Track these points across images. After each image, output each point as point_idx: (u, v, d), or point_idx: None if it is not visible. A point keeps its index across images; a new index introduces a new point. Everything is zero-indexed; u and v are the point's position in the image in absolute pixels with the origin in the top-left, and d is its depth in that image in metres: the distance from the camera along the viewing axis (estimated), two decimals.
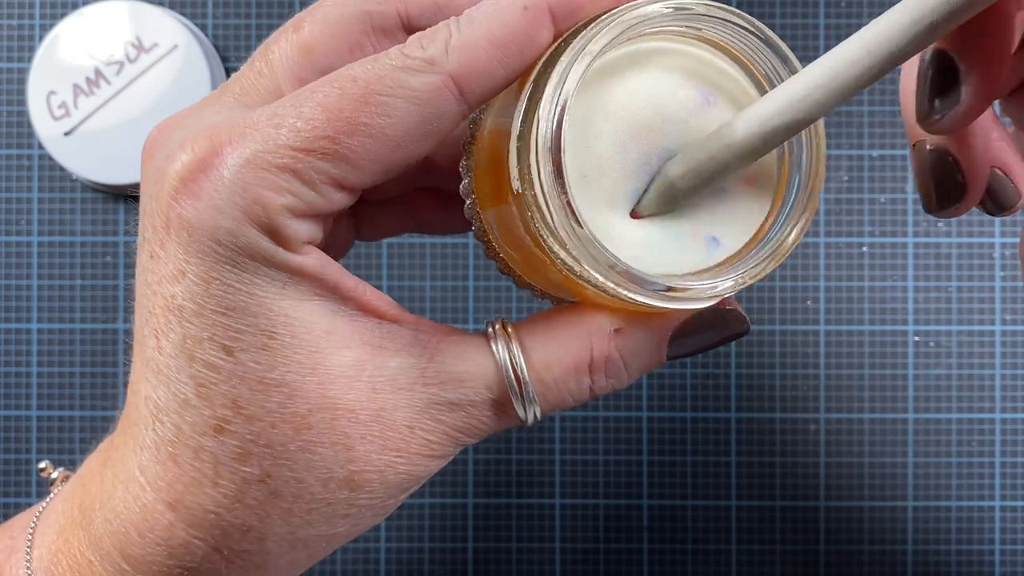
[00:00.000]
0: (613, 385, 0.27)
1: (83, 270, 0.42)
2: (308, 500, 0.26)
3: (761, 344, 0.42)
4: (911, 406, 0.42)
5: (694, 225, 0.26)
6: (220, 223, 0.24)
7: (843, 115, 0.42)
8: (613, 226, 0.25)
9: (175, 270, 0.25)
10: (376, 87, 0.24)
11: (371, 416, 0.26)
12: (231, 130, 0.25)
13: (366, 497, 0.27)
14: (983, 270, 0.42)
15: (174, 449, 0.26)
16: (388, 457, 0.26)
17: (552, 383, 0.27)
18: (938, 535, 0.42)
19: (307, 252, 0.25)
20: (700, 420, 0.42)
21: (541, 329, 0.27)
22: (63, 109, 0.40)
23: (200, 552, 0.26)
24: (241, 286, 0.25)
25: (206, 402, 0.25)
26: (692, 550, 0.42)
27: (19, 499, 0.42)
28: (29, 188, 0.42)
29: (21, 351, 0.42)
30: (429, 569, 0.42)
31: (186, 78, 0.40)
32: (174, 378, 0.25)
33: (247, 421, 0.25)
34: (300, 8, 0.42)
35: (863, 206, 0.42)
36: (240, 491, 0.26)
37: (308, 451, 0.26)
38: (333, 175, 0.25)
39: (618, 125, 0.26)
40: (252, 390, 0.25)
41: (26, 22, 0.43)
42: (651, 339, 0.27)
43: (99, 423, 0.42)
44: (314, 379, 0.25)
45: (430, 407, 0.26)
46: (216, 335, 0.25)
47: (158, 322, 0.25)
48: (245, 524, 0.26)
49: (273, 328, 0.25)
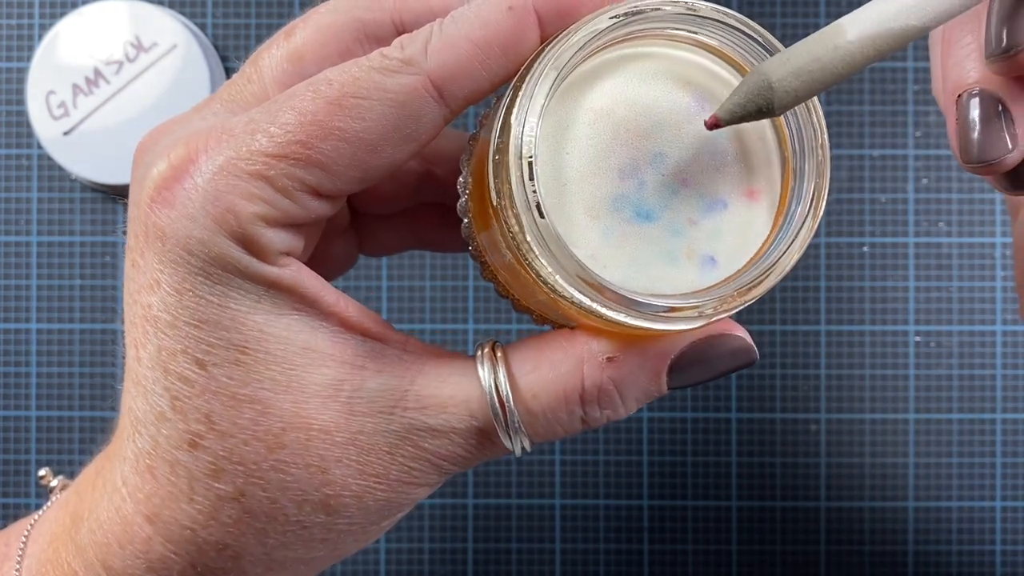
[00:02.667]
0: (608, 416, 0.26)
1: (82, 270, 0.42)
2: (282, 522, 0.25)
3: (762, 344, 0.42)
4: (912, 406, 0.42)
5: (690, 242, 0.24)
6: (192, 232, 0.23)
7: (844, 115, 0.42)
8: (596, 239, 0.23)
9: (151, 280, 0.24)
10: (350, 90, 0.23)
11: (348, 439, 0.25)
12: (208, 137, 0.24)
13: (344, 522, 0.26)
14: (984, 270, 0.42)
15: (151, 462, 0.25)
16: (367, 483, 0.25)
17: (540, 413, 0.25)
18: (939, 535, 0.42)
19: (284, 264, 0.25)
20: (700, 420, 0.42)
21: (531, 353, 0.25)
22: (62, 109, 0.40)
23: (177, 567, 0.26)
24: (213, 298, 0.24)
25: (180, 416, 0.25)
26: (692, 550, 0.42)
27: (18, 499, 0.42)
28: (28, 188, 0.42)
29: (20, 351, 0.42)
30: (429, 569, 0.42)
31: (185, 78, 0.40)
32: (151, 390, 0.25)
33: (220, 437, 0.24)
34: (300, 8, 0.42)
35: (864, 206, 0.42)
36: (214, 508, 0.25)
37: (281, 471, 0.25)
38: (307, 182, 0.24)
39: (602, 130, 0.24)
40: (225, 405, 0.24)
41: (25, 22, 0.42)
42: (648, 368, 0.25)
43: (98, 423, 0.42)
44: (288, 397, 0.24)
45: (411, 433, 0.25)
46: (189, 348, 0.24)
47: (137, 332, 0.25)
48: (220, 542, 0.25)
49: (245, 343, 0.24)
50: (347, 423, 0.25)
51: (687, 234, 0.24)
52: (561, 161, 0.23)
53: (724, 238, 0.24)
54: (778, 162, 0.24)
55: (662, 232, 0.24)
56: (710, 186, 0.24)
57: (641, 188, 0.24)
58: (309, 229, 0.25)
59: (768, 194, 0.24)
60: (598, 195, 0.23)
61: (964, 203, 0.42)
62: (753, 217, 0.24)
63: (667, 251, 0.24)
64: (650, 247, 0.23)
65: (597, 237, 0.23)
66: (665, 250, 0.24)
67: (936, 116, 0.42)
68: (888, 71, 0.42)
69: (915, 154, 0.42)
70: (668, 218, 0.24)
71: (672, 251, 0.24)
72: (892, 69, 0.42)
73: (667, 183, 0.24)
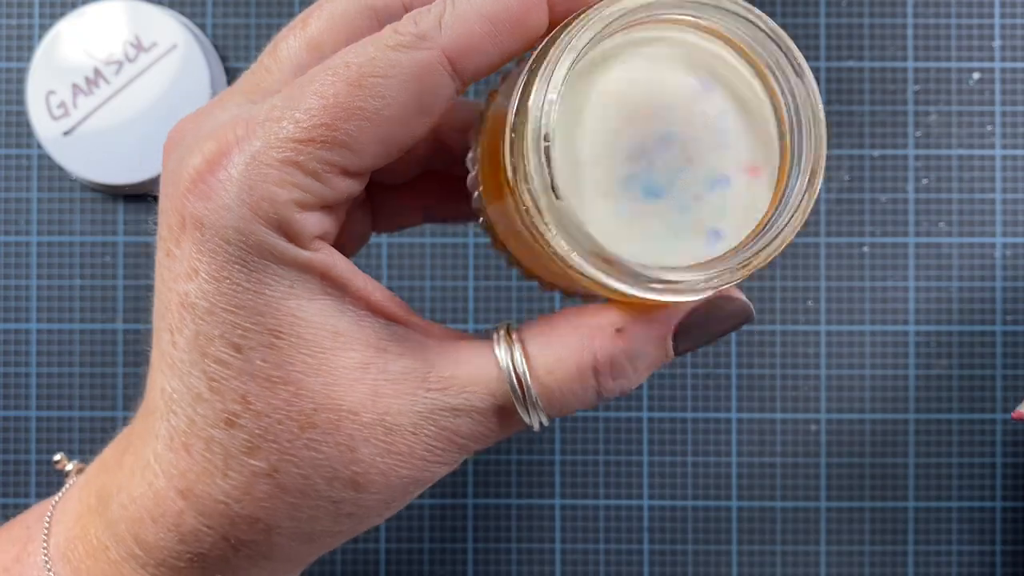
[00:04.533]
0: (622, 386, 0.27)
1: (82, 270, 0.42)
2: (313, 497, 0.26)
3: (762, 344, 0.42)
4: (912, 406, 0.42)
5: (696, 217, 0.25)
6: (229, 222, 0.25)
7: (844, 115, 0.42)
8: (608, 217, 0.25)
9: (189, 268, 0.25)
10: (368, 69, 0.24)
11: (375, 419, 0.26)
12: (235, 128, 0.25)
13: (370, 498, 0.27)
14: (984, 270, 0.42)
15: (187, 439, 0.26)
16: (392, 461, 0.26)
17: (556, 387, 0.26)
18: (939, 536, 0.42)
19: (317, 248, 0.26)
20: (700, 420, 0.42)
21: (543, 332, 0.27)
22: (62, 109, 0.40)
23: (209, 540, 0.27)
24: (250, 285, 0.25)
25: (217, 396, 0.26)
26: (692, 551, 0.42)
27: (19, 499, 0.42)
28: (28, 188, 0.42)
29: (20, 351, 0.42)
30: (429, 569, 0.42)
31: (185, 78, 0.40)
32: (187, 372, 0.26)
33: (255, 416, 0.26)
34: (300, 8, 0.42)
35: (864, 206, 0.42)
36: (248, 483, 0.26)
37: (313, 449, 0.26)
38: (335, 162, 0.25)
39: (613, 112, 0.25)
40: (260, 387, 0.26)
41: (25, 21, 0.42)
42: (654, 336, 0.26)
43: (98, 423, 0.42)
44: (319, 379, 0.26)
45: (434, 412, 0.26)
46: (226, 333, 0.25)
47: (173, 318, 0.26)
48: (252, 516, 0.26)
49: (280, 327, 0.25)
50: (374, 404, 0.26)
51: (693, 210, 0.25)
52: (574, 143, 0.25)
53: (728, 213, 0.25)
54: (777, 140, 0.25)
55: (670, 208, 0.25)
56: (714, 164, 0.25)
57: (649, 167, 0.25)
58: (336, 211, 0.26)
59: (769, 170, 0.25)
60: (609, 175, 0.25)
61: (964, 203, 0.42)
62: (756, 192, 0.25)
63: (675, 226, 0.25)
64: (659, 223, 0.25)
65: (609, 214, 0.25)
66: (673, 225, 0.25)
67: (936, 116, 0.42)
68: (888, 71, 0.42)
69: (915, 154, 0.42)
70: (675, 195, 0.25)
71: (679, 226, 0.25)
72: (892, 69, 0.42)
73: (674, 162, 0.25)
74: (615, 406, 0.42)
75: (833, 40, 0.42)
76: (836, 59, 0.42)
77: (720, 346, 0.42)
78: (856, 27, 0.42)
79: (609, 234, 0.24)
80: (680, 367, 0.42)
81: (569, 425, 0.42)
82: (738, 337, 0.42)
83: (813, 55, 0.42)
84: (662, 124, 0.25)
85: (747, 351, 0.42)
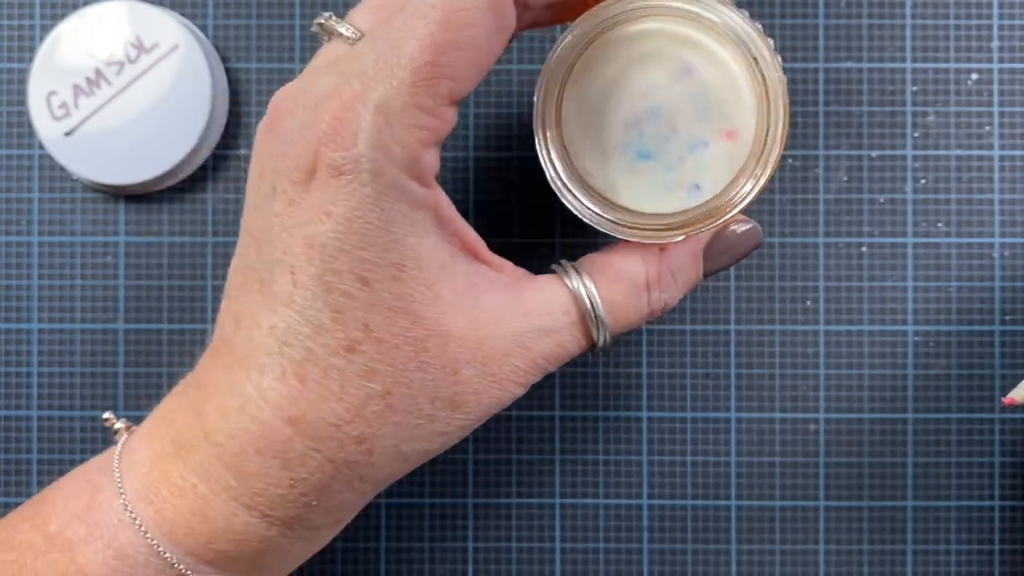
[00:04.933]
0: (666, 300, 0.32)
1: (83, 270, 0.42)
2: (416, 416, 0.30)
3: (761, 344, 0.42)
4: (911, 406, 0.42)
5: (680, 175, 0.31)
6: (364, 166, 0.28)
7: (843, 115, 0.42)
8: (610, 174, 0.31)
9: (320, 212, 0.28)
10: (451, 5, 0.28)
11: (475, 344, 0.30)
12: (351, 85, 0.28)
13: (462, 417, 0.30)
14: (983, 270, 0.42)
15: (301, 369, 0.29)
16: (485, 382, 0.30)
17: (619, 303, 0.31)
18: (938, 535, 0.42)
19: (434, 187, 0.30)
20: (700, 420, 0.42)
21: (600, 260, 0.32)
22: (63, 109, 0.40)
23: (314, 463, 0.30)
24: (381, 223, 0.28)
25: (340, 326, 0.29)
26: (692, 550, 0.42)
27: (20, 498, 0.42)
28: (29, 188, 0.42)
29: (21, 351, 0.42)
30: (429, 568, 0.42)
31: (186, 78, 0.40)
32: (308, 307, 0.29)
33: (376, 343, 0.29)
34: (300, 8, 0.42)
35: (862, 206, 0.42)
36: (362, 405, 0.29)
37: (423, 371, 0.29)
38: (445, 95, 0.28)
39: (611, 94, 0.31)
40: (382, 316, 0.29)
41: (26, 22, 0.43)
42: (690, 253, 0.32)
43: (99, 423, 0.42)
44: (433, 308, 0.29)
45: (521, 336, 0.30)
46: (355, 268, 0.28)
47: (296, 259, 0.29)
48: (360, 436, 0.29)
49: (403, 262, 0.29)
50: (474, 331, 0.30)
51: (678, 168, 0.31)
52: (582, 119, 0.31)
53: (706, 170, 0.31)
54: (752, 109, 0.31)
55: (658, 168, 0.31)
56: (694, 131, 0.31)
57: (641, 136, 0.31)
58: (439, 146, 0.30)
59: (743, 134, 0.31)
60: (610, 143, 0.31)
61: (963, 203, 0.42)
62: (731, 153, 0.31)
63: (663, 182, 0.31)
64: (650, 179, 0.31)
65: (611, 173, 0.31)
66: (661, 181, 0.31)
67: (935, 116, 0.42)
68: (887, 71, 0.42)
69: (914, 154, 0.42)
70: (663, 157, 0.31)
71: (667, 182, 0.31)
72: (891, 70, 0.42)
73: (661, 132, 0.31)
74: (615, 405, 0.42)
75: (832, 41, 0.42)
76: (834, 60, 0.42)
77: (719, 346, 0.42)
78: (855, 28, 0.42)
79: (612, 188, 0.31)
80: (680, 367, 0.42)
81: (569, 425, 0.42)
82: (737, 337, 0.42)
83: (812, 56, 0.42)
84: (650, 101, 0.31)
85: (746, 351, 0.42)
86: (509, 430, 0.42)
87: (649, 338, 0.42)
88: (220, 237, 0.42)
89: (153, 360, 0.42)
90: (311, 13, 0.42)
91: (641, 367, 0.42)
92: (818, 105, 0.42)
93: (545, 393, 0.42)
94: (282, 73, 0.42)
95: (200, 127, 0.41)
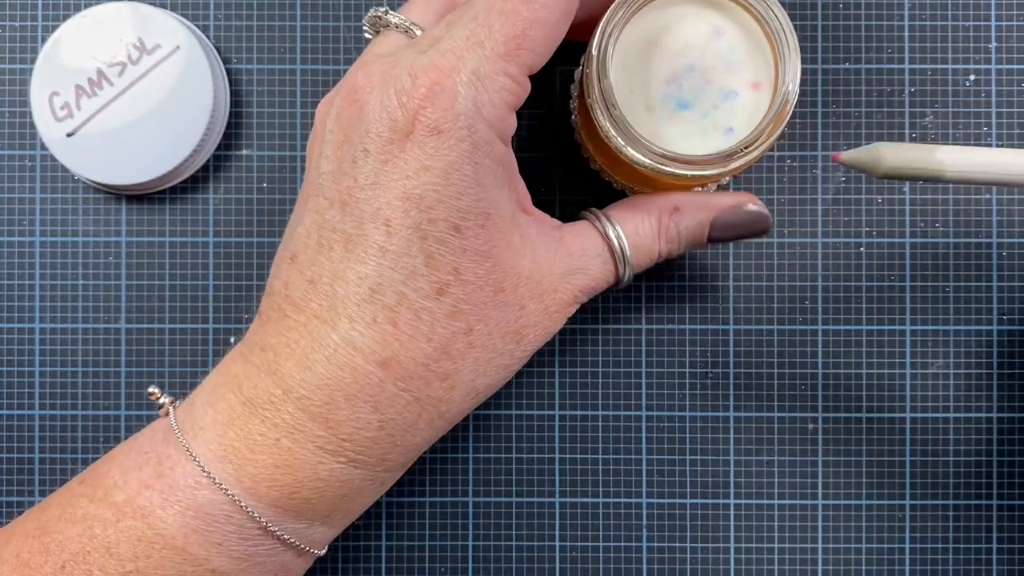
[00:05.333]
0: (671, 250, 0.36)
1: (85, 270, 0.42)
2: (491, 351, 0.33)
3: (760, 343, 0.42)
4: (908, 405, 0.42)
5: (715, 120, 0.35)
6: (463, 124, 0.31)
7: (841, 116, 0.42)
8: (655, 124, 0.35)
9: (419, 167, 0.31)
10: None
11: (537, 282, 0.34)
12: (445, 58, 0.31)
13: (523, 350, 0.34)
14: (980, 270, 0.42)
15: (393, 314, 0.32)
16: (543, 316, 0.34)
17: (641, 245, 0.36)
18: (936, 534, 0.42)
19: (510, 146, 0.33)
20: (699, 419, 0.42)
21: (626, 210, 0.36)
22: (66, 110, 0.41)
23: (402, 401, 0.32)
24: (474, 177, 0.32)
25: (433, 270, 0.32)
26: (691, 548, 0.42)
27: (21, 498, 0.42)
28: (31, 189, 0.43)
29: (23, 351, 0.42)
30: (429, 567, 0.42)
31: (188, 79, 0.41)
32: (403, 254, 0.31)
33: (463, 285, 0.32)
34: (300, 9, 0.43)
35: (861, 206, 0.42)
36: (448, 343, 0.32)
37: (499, 309, 0.33)
38: (528, 65, 0.32)
39: (652, 53, 0.35)
40: (471, 260, 0.32)
41: (28, 24, 0.43)
42: (699, 219, 0.36)
43: (100, 422, 0.42)
44: (508, 252, 0.33)
45: (567, 273, 0.35)
46: (450, 216, 0.31)
47: (393, 212, 0.31)
48: (445, 372, 0.32)
49: (488, 211, 0.32)
50: (535, 271, 0.34)
51: (712, 115, 0.35)
52: (627, 75, 0.35)
53: (737, 115, 0.35)
54: (772, 64, 0.35)
55: (695, 115, 0.35)
56: (726, 83, 0.35)
57: (679, 88, 0.35)
58: None
59: (767, 85, 0.35)
60: (652, 95, 0.35)
61: (960, 204, 0.42)
62: (758, 101, 0.35)
63: (700, 127, 0.35)
64: (689, 126, 0.35)
65: (654, 122, 0.35)
66: (699, 127, 0.35)
67: (932, 118, 0.42)
68: (885, 73, 0.42)
69: None
70: (699, 106, 0.35)
71: (703, 127, 0.35)
72: (889, 71, 0.42)
73: (696, 84, 0.35)
74: (615, 405, 0.42)
75: (831, 42, 0.42)
76: (833, 61, 0.42)
77: (718, 345, 0.42)
78: (853, 29, 0.42)
79: (655, 135, 0.35)
80: (679, 367, 0.42)
81: (569, 424, 0.42)
82: (736, 337, 0.42)
83: (811, 57, 0.42)
84: (687, 59, 0.35)
85: (746, 351, 0.42)
86: (509, 429, 0.42)
87: (648, 338, 0.42)
88: (221, 237, 0.42)
89: (155, 359, 0.42)
90: (311, 14, 0.42)
91: (640, 366, 0.42)
92: (817, 106, 0.42)
93: (545, 393, 0.42)
94: (282, 74, 0.42)
95: (201, 128, 0.41)
